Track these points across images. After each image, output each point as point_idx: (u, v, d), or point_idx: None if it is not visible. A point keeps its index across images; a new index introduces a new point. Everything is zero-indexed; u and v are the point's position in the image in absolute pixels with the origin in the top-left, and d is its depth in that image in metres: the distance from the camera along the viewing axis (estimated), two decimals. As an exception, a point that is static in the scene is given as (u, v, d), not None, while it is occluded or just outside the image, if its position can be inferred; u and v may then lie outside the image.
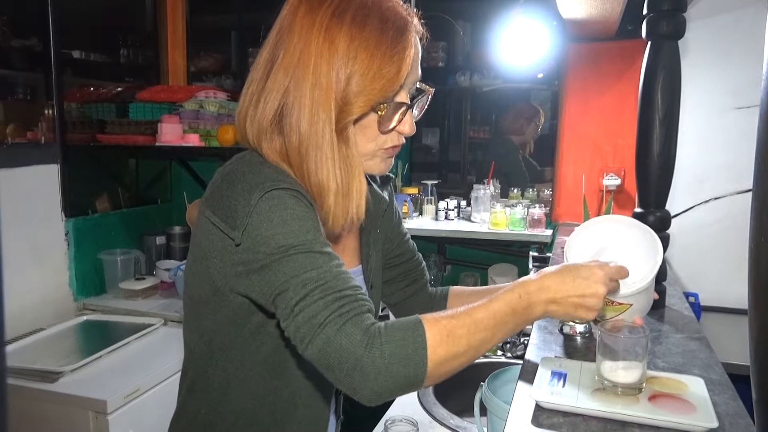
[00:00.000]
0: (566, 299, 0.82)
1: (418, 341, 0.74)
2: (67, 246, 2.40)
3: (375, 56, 0.83)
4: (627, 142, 2.33)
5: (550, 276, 0.84)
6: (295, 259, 0.78)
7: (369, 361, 0.72)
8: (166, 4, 3.02)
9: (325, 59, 0.83)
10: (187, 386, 1.01)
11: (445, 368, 0.77)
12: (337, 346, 0.73)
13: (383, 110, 0.87)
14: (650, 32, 1.19)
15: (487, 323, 0.79)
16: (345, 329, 0.74)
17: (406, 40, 0.85)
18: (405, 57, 0.84)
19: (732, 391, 0.85)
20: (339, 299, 0.76)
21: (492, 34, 2.47)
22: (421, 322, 0.76)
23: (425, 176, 2.83)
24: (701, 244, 2.26)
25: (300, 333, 0.76)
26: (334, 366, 0.74)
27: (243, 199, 0.81)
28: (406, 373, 0.73)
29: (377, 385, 0.73)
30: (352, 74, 0.83)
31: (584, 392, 0.82)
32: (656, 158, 1.19)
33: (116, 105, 2.60)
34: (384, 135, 0.90)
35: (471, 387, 1.46)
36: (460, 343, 0.76)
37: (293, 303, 0.76)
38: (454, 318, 0.78)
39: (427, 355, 0.74)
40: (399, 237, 1.18)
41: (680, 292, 1.40)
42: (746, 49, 2.15)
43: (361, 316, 0.76)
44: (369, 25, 0.83)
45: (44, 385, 1.74)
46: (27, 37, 2.32)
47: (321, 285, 0.76)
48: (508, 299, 0.81)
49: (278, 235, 0.79)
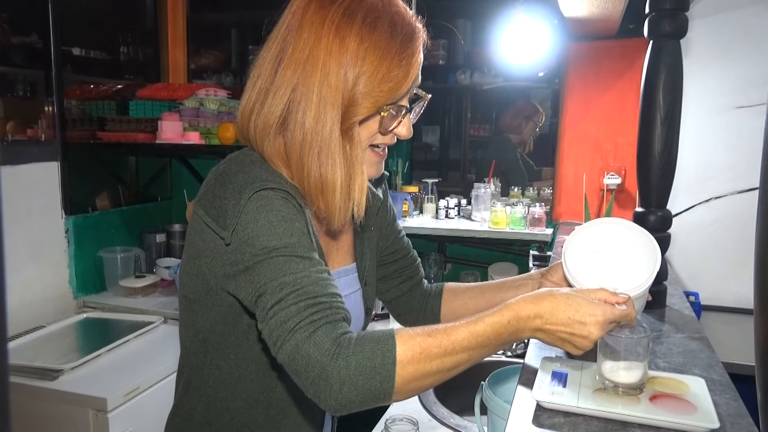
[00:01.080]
0: (555, 332, 0.79)
1: (387, 356, 0.73)
2: (67, 243, 2.40)
3: (384, 59, 0.83)
4: (628, 141, 2.33)
5: (548, 302, 0.79)
6: (276, 262, 0.78)
7: (334, 371, 0.71)
8: (167, 2, 3.02)
9: (335, 57, 0.83)
10: (183, 384, 1.01)
11: (415, 385, 0.75)
12: (305, 353, 0.72)
13: (386, 112, 0.87)
14: (652, 31, 1.19)
15: (466, 345, 0.76)
16: (314, 337, 0.73)
17: (414, 46, 0.86)
18: (413, 63, 0.86)
19: (733, 392, 0.85)
20: (312, 306, 0.75)
21: (493, 32, 2.47)
22: (394, 337, 0.74)
23: (425, 174, 2.82)
24: (702, 243, 2.26)
25: (273, 337, 0.76)
26: (300, 372, 0.73)
27: (233, 199, 0.82)
28: (371, 386, 0.72)
29: (341, 396, 0.72)
30: (360, 75, 0.83)
31: (585, 392, 0.82)
32: (658, 158, 1.19)
33: (116, 102, 2.59)
34: (380, 135, 0.91)
35: (471, 386, 1.46)
36: (432, 364, 0.74)
37: (268, 306, 0.76)
38: (431, 336, 0.75)
39: (396, 370, 0.72)
40: (394, 234, 1.18)
41: (681, 292, 1.40)
42: (748, 48, 2.15)
43: (334, 325, 0.75)
44: (379, 28, 0.84)
45: (44, 383, 1.74)
46: (27, 34, 2.32)
47: (297, 290, 0.76)
48: (495, 323, 0.78)
49: (262, 237, 0.79)
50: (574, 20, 2.01)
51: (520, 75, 2.72)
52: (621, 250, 0.98)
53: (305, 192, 0.88)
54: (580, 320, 0.78)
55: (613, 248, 0.99)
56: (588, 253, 1.00)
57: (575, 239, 1.00)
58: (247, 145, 0.94)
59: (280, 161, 0.89)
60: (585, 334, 0.78)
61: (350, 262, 1.08)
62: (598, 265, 0.99)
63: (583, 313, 0.78)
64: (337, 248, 1.05)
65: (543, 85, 2.79)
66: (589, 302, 0.79)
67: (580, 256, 1.00)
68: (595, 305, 0.79)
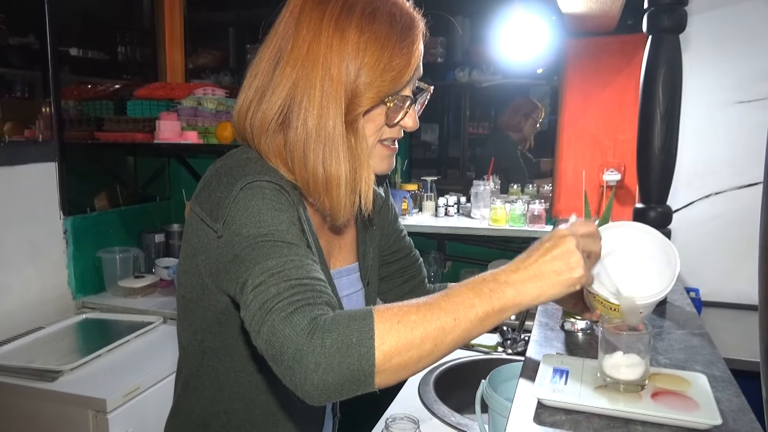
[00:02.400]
0: (540, 269, 0.74)
1: (363, 330, 0.67)
2: (66, 244, 2.39)
3: (385, 48, 0.83)
4: (627, 137, 2.32)
5: (517, 257, 0.77)
6: (262, 247, 0.75)
7: (308, 351, 0.65)
8: (164, 1, 3.01)
9: (336, 51, 0.83)
10: (181, 385, 1.01)
11: (399, 360, 0.67)
12: (281, 334, 0.67)
13: (391, 103, 0.87)
14: (651, 26, 1.18)
15: (447, 307, 0.70)
16: (292, 318, 0.68)
17: (414, 34, 0.86)
18: (414, 51, 0.86)
19: (735, 388, 0.84)
20: (293, 287, 0.71)
21: (491, 29, 2.46)
22: (372, 312, 0.69)
23: (424, 173, 2.82)
24: (702, 239, 2.26)
25: (252, 322, 0.71)
26: (277, 357, 0.68)
27: (226, 191, 0.81)
28: (349, 365, 0.65)
29: (317, 378, 0.65)
30: (362, 66, 0.83)
31: (586, 389, 0.81)
32: (657, 153, 1.18)
33: (114, 102, 2.59)
34: (386, 127, 0.90)
35: (472, 385, 1.45)
36: (415, 331, 0.67)
37: (249, 290, 0.72)
38: (408, 305, 0.70)
39: (374, 345, 0.66)
40: (396, 233, 1.18)
41: (681, 288, 1.39)
42: (747, 42, 2.14)
43: (314, 306, 0.70)
44: (379, 19, 0.83)
45: (43, 384, 1.73)
46: (24, 34, 2.31)
47: (279, 272, 0.72)
48: (471, 282, 0.74)
49: (250, 224, 0.78)
50: (572, 16, 2.00)
51: (519, 72, 2.72)
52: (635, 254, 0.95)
53: (310, 188, 0.87)
54: (547, 243, 0.76)
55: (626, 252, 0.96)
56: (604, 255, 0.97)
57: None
58: (244, 144, 0.94)
59: (278, 159, 0.88)
60: (564, 249, 0.75)
61: (353, 261, 1.07)
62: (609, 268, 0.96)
63: (544, 239, 0.77)
64: (340, 247, 1.05)
65: (542, 82, 2.78)
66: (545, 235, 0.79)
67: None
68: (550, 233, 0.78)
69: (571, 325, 1.09)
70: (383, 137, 0.92)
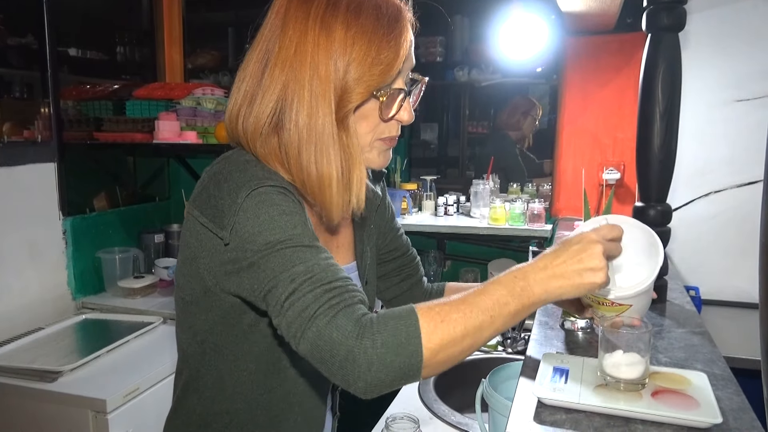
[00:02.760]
0: (566, 270, 0.78)
1: (411, 329, 0.72)
2: (65, 245, 2.39)
3: (372, 41, 0.82)
4: (627, 136, 2.32)
5: (545, 254, 0.81)
6: (283, 254, 0.77)
7: (361, 352, 0.70)
8: (163, 1, 3.01)
9: (323, 49, 0.82)
10: (181, 386, 1.00)
11: (444, 355, 0.73)
12: (328, 338, 0.71)
13: (383, 96, 0.86)
14: (650, 25, 1.18)
15: (484, 305, 0.75)
16: (336, 321, 0.72)
17: (401, 25, 0.85)
18: (402, 42, 0.85)
19: (735, 386, 0.84)
20: (329, 291, 0.74)
21: (490, 28, 2.46)
22: (415, 310, 0.74)
23: (424, 172, 2.82)
24: (701, 237, 2.26)
25: (292, 329, 0.74)
26: (326, 359, 0.72)
27: (230, 198, 0.81)
28: (400, 363, 0.71)
29: (371, 377, 0.70)
30: (350, 61, 0.82)
31: (587, 388, 0.81)
32: (657, 152, 1.18)
33: (113, 102, 2.58)
34: (382, 124, 0.90)
35: (472, 383, 1.45)
36: (456, 328, 0.73)
37: (283, 299, 0.75)
38: (448, 304, 0.75)
39: (422, 342, 0.71)
40: (393, 232, 1.18)
41: (681, 286, 1.39)
42: (746, 40, 2.14)
43: (353, 307, 0.74)
44: (364, 12, 0.83)
45: (43, 385, 1.73)
46: (23, 34, 2.31)
47: (310, 278, 0.75)
48: (503, 280, 0.78)
49: (265, 232, 0.78)
50: (571, 15, 2.00)
51: (518, 71, 2.71)
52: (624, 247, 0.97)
53: (305, 189, 0.87)
54: (575, 246, 0.79)
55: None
56: None
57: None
58: (237, 146, 0.93)
59: (275, 160, 0.88)
60: (590, 252, 0.78)
61: (350, 260, 1.07)
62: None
63: (574, 240, 0.80)
64: (337, 246, 1.05)
65: (541, 80, 2.78)
66: (574, 235, 0.82)
67: None
68: (580, 233, 0.82)
69: (571, 323, 1.09)
70: (381, 136, 0.91)
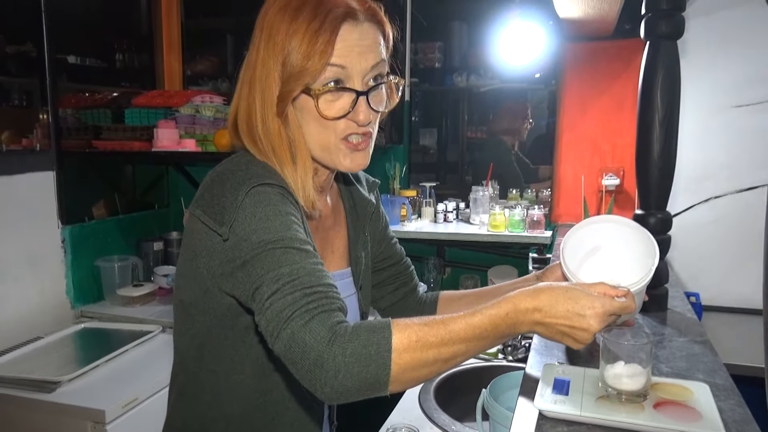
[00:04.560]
0: (555, 325, 0.79)
1: (382, 343, 0.72)
2: (64, 253, 2.38)
3: (304, 39, 0.85)
4: (626, 142, 2.32)
5: (546, 295, 0.79)
6: (273, 254, 0.79)
7: (330, 358, 0.71)
8: (161, 8, 3.01)
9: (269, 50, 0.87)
10: (177, 392, 1.00)
11: (412, 375, 0.74)
12: (301, 341, 0.72)
13: (318, 93, 0.87)
14: (649, 32, 1.18)
15: (463, 335, 0.76)
16: (310, 325, 0.73)
17: (334, 23, 0.85)
18: (331, 39, 0.85)
19: (738, 397, 0.84)
20: (308, 295, 0.76)
21: (489, 34, 2.46)
22: (390, 325, 0.74)
23: (423, 177, 2.82)
24: (701, 243, 2.25)
25: (269, 327, 0.76)
26: (297, 361, 0.73)
27: (231, 195, 0.83)
28: (367, 374, 0.72)
29: (337, 384, 0.71)
30: (285, 59, 0.86)
31: (588, 400, 0.80)
32: (657, 159, 1.18)
33: (112, 110, 2.58)
34: (340, 123, 0.90)
35: (472, 392, 1.45)
36: (429, 352, 0.74)
37: (265, 297, 0.77)
38: (427, 325, 0.75)
39: (391, 358, 0.72)
40: (386, 240, 1.19)
41: (682, 294, 1.38)
42: (744, 47, 2.14)
43: (329, 314, 0.75)
44: (304, 12, 0.86)
45: (41, 395, 1.72)
46: (21, 42, 2.31)
47: (293, 280, 0.76)
48: (493, 315, 0.78)
49: (260, 230, 0.80)
50: (569, 21, 2.00)
51: (517, 76, 2.71)
52: (618, 247, 0.98)
53: None
54: (579, 312, 0.77)
55: (611, 246, 0.99)
56: (586, 251, 1.00)
57: (573, 238, 1.00)
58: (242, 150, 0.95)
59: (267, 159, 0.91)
60: (585, 327, 0.78)
61: (345, 266, 1.08)
62: (596, 262, 0.99)
63: (582, 305, 0.78)
64: (332, 252, 1.06)
65: (540, 86, 2.78)
66: (587, 295, 0.79)
67: (578, 254, 0.99)
68: (594, 297, 0.79)
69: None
70: (343, 135, 0.91)
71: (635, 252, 0.95)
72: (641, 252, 0.95)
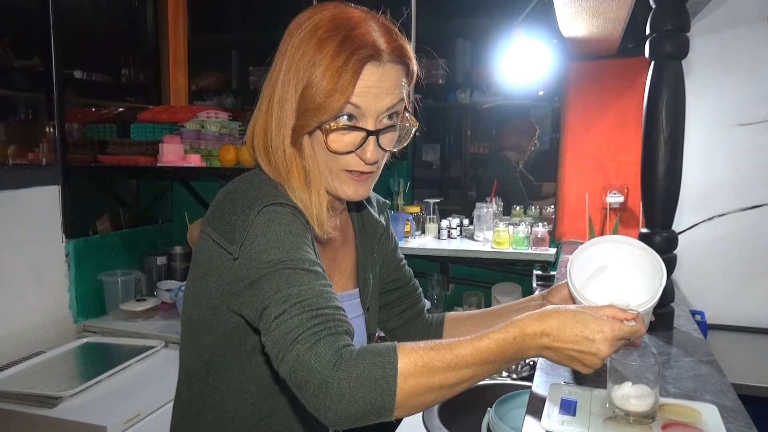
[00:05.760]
0: (563, 350, 0.77)
1: (388, 368, 0.71)
2: (68, 267, 2.38)
3: (326, 75, 0.83)
4: (630, 159, 2.32)
5: (554, 319, 0.78)
6: (282, 275, 0.78)
7: (334, 383, 0.70)
8: (168, 24, 3.04)
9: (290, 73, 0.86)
10: (180, 410, 1.00)
11: (418, 401, 0.73)
12: (306, 364, 0.71)
13: (330, 130, 0.86)
14: (653, 52, 1.19)
15: (470, 360, 0.74)
16: (316, 348, 0.72)
17: (357, 65, 0.84)
18: (352, 80, 0.84)
19: (746, 419, 0.83)
20: (315, 317, 0.75)
21: (492, 51, 2.47)
22: (396, 350, 0.73)
23: (426, 193, 2.82)
24: (706, 261, 2.25)
25: (275, 349, 0.75)
26: (302, 384, 0.72)
27: (243, 213, 0.83)
28: (371, 399, 0.70)
29: (342, 409, 0.70)
30: (305, 89, 0.85)
31: (595, 421, 0.80)
32: (662, 178, 1.18)
33: (117, 125, 2.60)
34: (344, 156, 0.89)
35: (478, 410, 1.44)
36: (435, 378, 0.73)
37: (272, 318, 0.76)
38: (434, 350, 0.74)
39: (397, 383, 0.71)
40: (395, 262, 1.18)
41: (687, 312, 1.38)
42: (749, 65, 2.15)
43: (336, 337, 0.74)
44: (330, 45, 0.84)
45: (43, 411, 1.71)
46: (29, 57, 2.33)
47: (300, 302, 0.76)
48: (500, 339, 0.76)
49: (269, 250, 0.80)
50: (573, 40, 2.01)
51: (520, 94, 2.73)
52: (626, 267, 0.98)
53: None
54: (588, 337, 0.76)
55: (618, 266, 0.99)
56: (592, 270, 1.00)
57: (580, 257, 1.00)
58: (249, 168, 0.96)
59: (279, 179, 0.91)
60: (594, 351, 0.76)
61: (353, 287, 1.07)
62: (603, 282, 0.98)
63: (591, 329, 0.76)
64: (340, 272, 1.05)
65: (543, 103, 2.79)
66: (596, 319, 0.77)
67: (585, 273, 0.99)
68: (603, 321, 0.77)
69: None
70: (347, 168, 0.90)
71: (642, 272, 0.95)
72: (648, 272, 0.94)
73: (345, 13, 0.87)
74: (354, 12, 0.88)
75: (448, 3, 2.89)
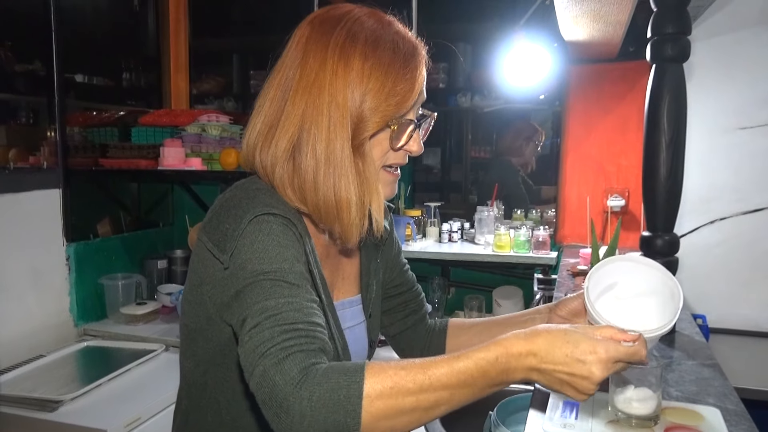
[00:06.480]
0: (552, 372, 0.71)
1: (353, 388, 0.66)
2: (68, 271, 2.38)
3: (389, 74, 0.85)
4: (631, 163, 2.32)
5: (543, 338, 0.71)
6: (263, 286, 0.76)
7: (296, 402, 0.66)
8: (169, 28, 3.05)
9: (341, 78, 0.85)
10: (180, 418, 0.99)
11: (387, 424, 0.68)
12: (271, 380, 0.67)
13: (395, 126, 0.88)
14: (655, 56, 1.19)
15: (446, 382, 0.69)
16: (282, 364, 0.68)
17: (417, 61, 0.88)
18: (417, 76, 0.87)
19: (749, 422, 0.83)
20: (287, 332, 0.71)
21: (493, 55, 2.48)
22: (363, 369, 0.68)
23: (427, 197, 2.82)
24: (707, 265, 2.24)
25: (245, 362, 0.71)
26: (266, 401, 0.68)
27: (234, 222, 0.82)
28: (334, 421, 0.66)
29: (302, 430, 0.66)
30: (367, 92, 0.85)
31: (598, 424, 0.80)
32: (663, 182, 1.18)
33: (119, 129, 2.60)
34: (391, 153, 0.91)
35: (478, 413, 1.43)
36: (406, 400, 0.67)
37: (246, 330, 0.73)
38: (404, 369, 0.69)
39: (362, 405, 0.66)
40: (398, 267, 1.17)
41: (689, 316, 1.38)
42: (750, 69, 2.15)
43: (307, 354, 0.70)
44: (381, 46, 0.86)
45: (43, 415, 1.71)
46: (30, 61, 2.34)
47: (274, 315, 0.72)
48: (480, 359, 0.70)
49: (254, 260, 0.78)
50: (574, 44, 2.02)
51: (521, 97, 2.73)
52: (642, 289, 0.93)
53: (321, 214, 0.87)
54: (579, 358, 0.69)
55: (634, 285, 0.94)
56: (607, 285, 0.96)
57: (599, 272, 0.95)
58: (252, 172, 0.94)
59: (289, 186, 0.88)
60: (586, 374, 0.69)
61: (355, 293, 1.06)
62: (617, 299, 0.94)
63: (582, 350, 0.70)
64: (343, 279, 1.04)
65: (544, 107, 2.80)
66: (589, 339, 0.71)
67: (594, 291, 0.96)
68: (596, 342, 0.71)
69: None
70: (387, 162, 0.92)
71: (659, 296, 0.92)
72: (665, 297, 0.91)
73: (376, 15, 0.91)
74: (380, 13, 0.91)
75: (449, 7, 2.89)
